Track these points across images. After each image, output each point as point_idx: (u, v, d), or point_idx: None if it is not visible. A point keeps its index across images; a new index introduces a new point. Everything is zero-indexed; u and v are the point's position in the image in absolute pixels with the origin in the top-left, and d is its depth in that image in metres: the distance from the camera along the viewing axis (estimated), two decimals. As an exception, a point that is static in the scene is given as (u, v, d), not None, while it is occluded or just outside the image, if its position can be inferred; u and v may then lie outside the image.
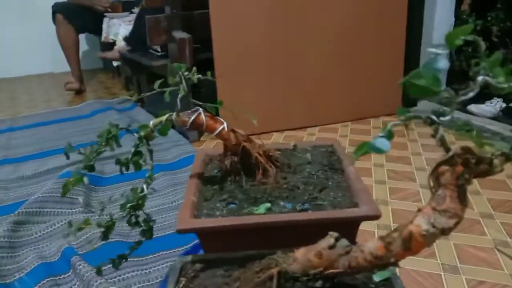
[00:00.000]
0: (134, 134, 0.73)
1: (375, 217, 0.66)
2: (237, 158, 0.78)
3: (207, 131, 0.77)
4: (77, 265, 1.03)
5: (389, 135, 0.44)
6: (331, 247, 0.51)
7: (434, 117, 0.44)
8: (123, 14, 3.08)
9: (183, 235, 0.72)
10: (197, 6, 2.07)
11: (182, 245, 1.14)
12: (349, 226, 0.69)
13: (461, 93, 0.44)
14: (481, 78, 0.43)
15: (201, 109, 0.76)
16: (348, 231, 0.57)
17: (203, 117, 0.75)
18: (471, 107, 2.05)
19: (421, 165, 1.61)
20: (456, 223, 0.47)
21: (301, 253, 0.53)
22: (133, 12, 3.11)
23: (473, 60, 0.43)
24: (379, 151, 0.43)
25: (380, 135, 0.44)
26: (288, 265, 0.53)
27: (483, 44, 0.42)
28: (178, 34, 1.96)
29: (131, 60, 2.60)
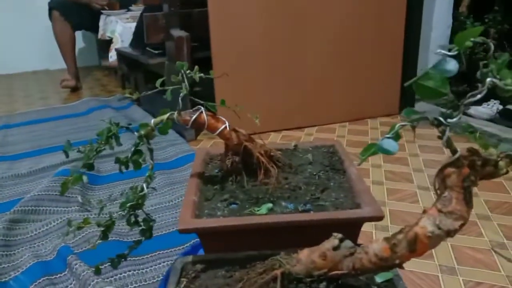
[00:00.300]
0: (134, 132, 0.72)
1: (378, 218, 0.66)
2: (238, 157, 0.77)
3: (209, 130, 0.76)
4: (73, 264, 1.03)
5: (397, 137, 0.44)
6: (336, 248, 0.51)
7: (441, 119, 0.44)
8: (120, 11, 3.07)
9: (180, 235, 0.71)
10: (195, 4, 2.06)
11: (178, 245, 1.13)
12: (351, 227, 0.68)
13: (468, 95, 0.44)
14: (489, 80, 0.43)
15: (202, 108, 0.76)
16: (350, 232, 0.57)
17: (205, 116, 0.75)
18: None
19: (418, 166, 1.61)
20: (461, 225, 0.47)
21: (305, 254, 0.52)
22: (130, 9, 3.10)
23: (482, 62, 0.42)
24: (387, 152, 0.43)
25: (387, 136, 0.44)
26: (291, 266, 0.52)
27: (492, 46, 0.42)
28: (176, 32, 1.95)
29: (128, 58, 2.59)
